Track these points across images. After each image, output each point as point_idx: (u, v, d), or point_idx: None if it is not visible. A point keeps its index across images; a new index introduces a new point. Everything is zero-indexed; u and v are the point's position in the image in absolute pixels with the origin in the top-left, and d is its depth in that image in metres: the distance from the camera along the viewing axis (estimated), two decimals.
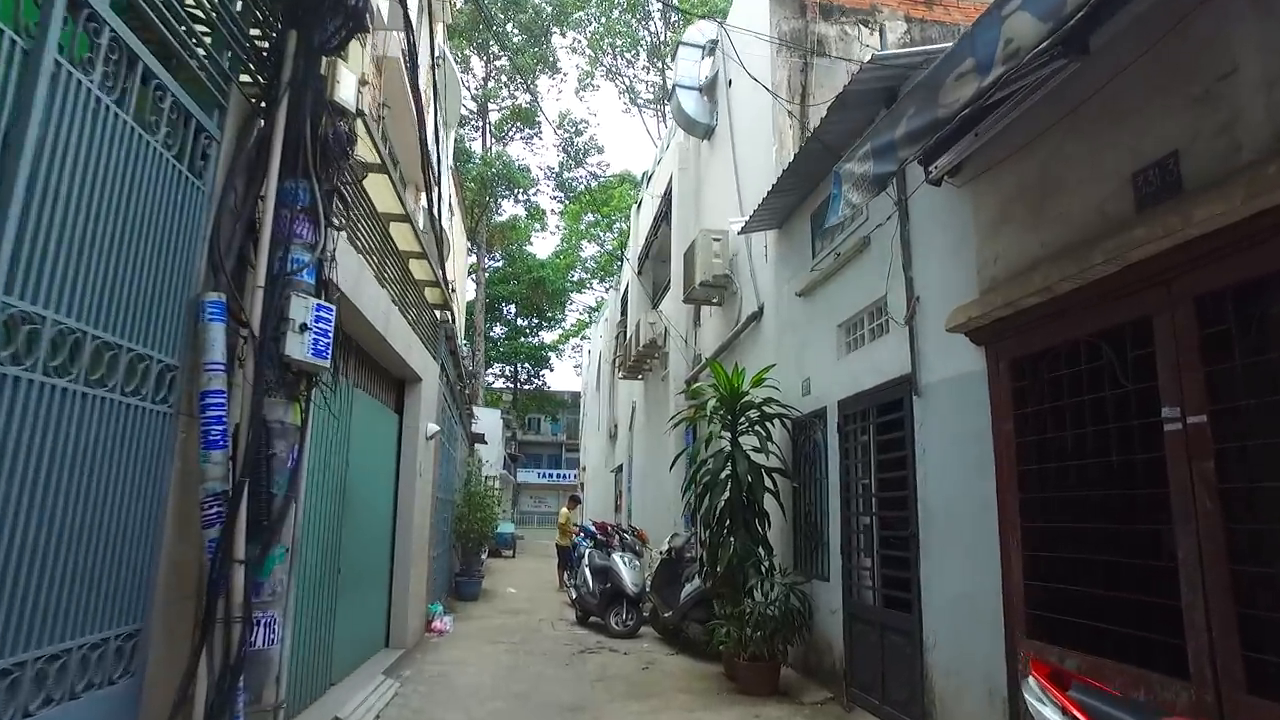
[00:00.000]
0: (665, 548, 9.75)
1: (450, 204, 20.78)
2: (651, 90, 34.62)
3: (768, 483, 7.13)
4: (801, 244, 7.35)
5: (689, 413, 8.22)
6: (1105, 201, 3.35)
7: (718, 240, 9.54)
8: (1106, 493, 3.43)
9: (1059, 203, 3.66)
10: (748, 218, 7.94)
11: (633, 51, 34.91)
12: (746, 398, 7.30)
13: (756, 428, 7.25)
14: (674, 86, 11.70)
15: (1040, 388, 3.79)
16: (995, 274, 4.14)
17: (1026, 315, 3.79)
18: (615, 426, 21.04)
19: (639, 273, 16.98)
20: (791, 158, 6.74)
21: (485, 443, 21.34)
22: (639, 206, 18.18)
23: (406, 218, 6.96)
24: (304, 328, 3.28)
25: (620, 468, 19.82)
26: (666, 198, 13.95)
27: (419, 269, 8.34)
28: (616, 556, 10.24)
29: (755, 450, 7.15)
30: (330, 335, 3.44)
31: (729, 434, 7.32)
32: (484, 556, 16.08)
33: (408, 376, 8.50)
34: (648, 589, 9.71)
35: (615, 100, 50.51)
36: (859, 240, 5.95)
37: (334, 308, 3.47)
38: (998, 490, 4.06)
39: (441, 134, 16.40)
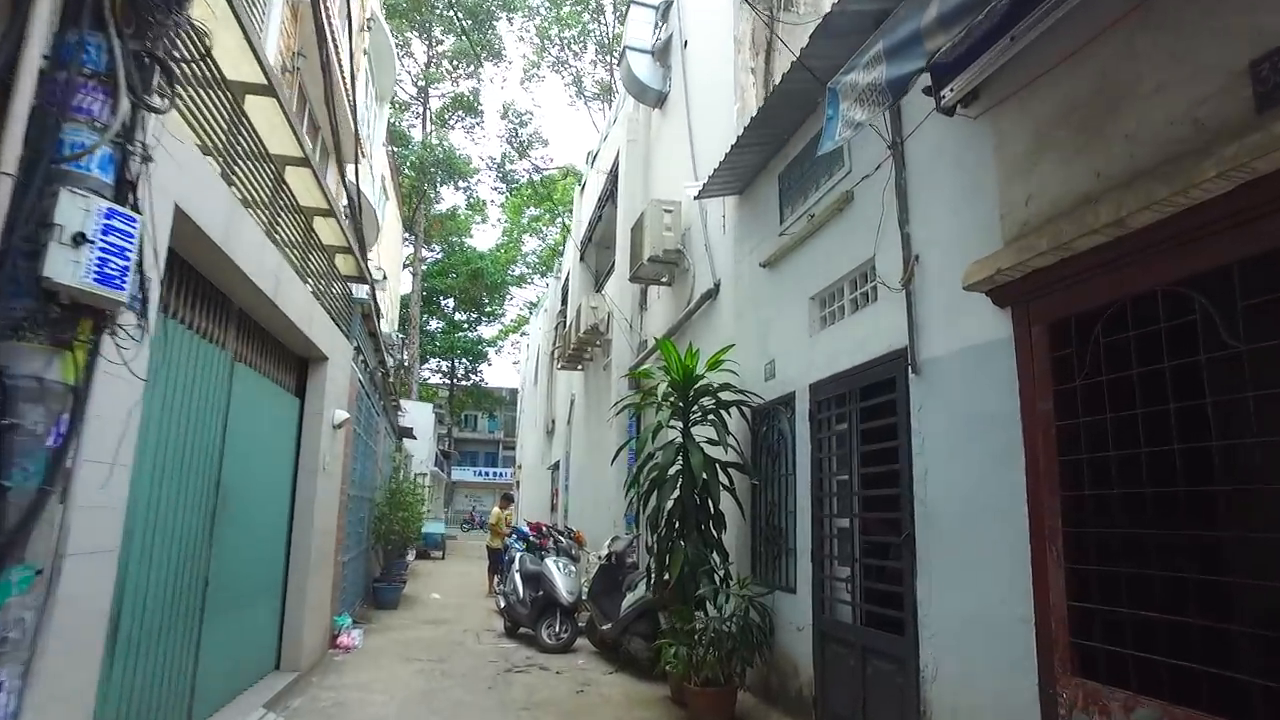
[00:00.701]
0: (604, 552, 8.82)
1: (385, 186, 19.37)
2: (598, 85, 33.71)
3: (724, 479, 6.24)
4: (767, 209, 6.48)
5: (635, 398, 7.27)
6: (1202, 105, 2.53)
7: (669, 211, 8.64)
8: (1198, 489, 2.61)
9: (1126, 118, 2.84)
10: (704, 182, 7.05)
11: (581, 44, 33.93)
12: (702, 382, 6.40)
13: (711, 416, 6.36)
14: (624, 49, 10.72)
15: (1092, 356, 2.97)
16: (1027, 218, 3.32)
17: (1078, 263, 2.96)
18: (553, 421, 19.96)
19: (581, 258, 15.96)
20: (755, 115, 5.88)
21: (414, 438, 19.95)
22: (583, 187, 17.15)
23: (306, 161, 5.83)
24: (81, 239, 2.21)
25: (557, 464, 18.74)
26: (613, 175, 12.96)
27: (327, 231, 7.19)
28: (550, 561, 9.21)
29: (710, 442, 6.26)
30: (131, 257, 2.36)
31: (681, 423, 6.40)
32: (409, 559, 14.84)
33: (312, 355, 7.29)
34: (584, 598, 8.73)
35: (561, 93, 49.17)
36: (840, 196, 5.10)
37: (137, 218, 2.40)
38: (1029, 487, 3.23)
39: (372, 104, 15.13)
